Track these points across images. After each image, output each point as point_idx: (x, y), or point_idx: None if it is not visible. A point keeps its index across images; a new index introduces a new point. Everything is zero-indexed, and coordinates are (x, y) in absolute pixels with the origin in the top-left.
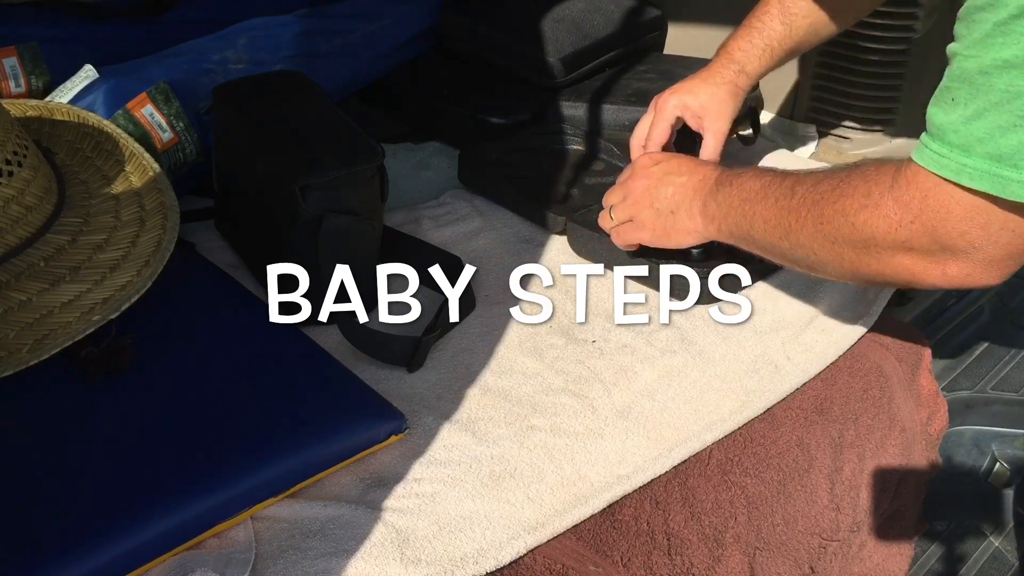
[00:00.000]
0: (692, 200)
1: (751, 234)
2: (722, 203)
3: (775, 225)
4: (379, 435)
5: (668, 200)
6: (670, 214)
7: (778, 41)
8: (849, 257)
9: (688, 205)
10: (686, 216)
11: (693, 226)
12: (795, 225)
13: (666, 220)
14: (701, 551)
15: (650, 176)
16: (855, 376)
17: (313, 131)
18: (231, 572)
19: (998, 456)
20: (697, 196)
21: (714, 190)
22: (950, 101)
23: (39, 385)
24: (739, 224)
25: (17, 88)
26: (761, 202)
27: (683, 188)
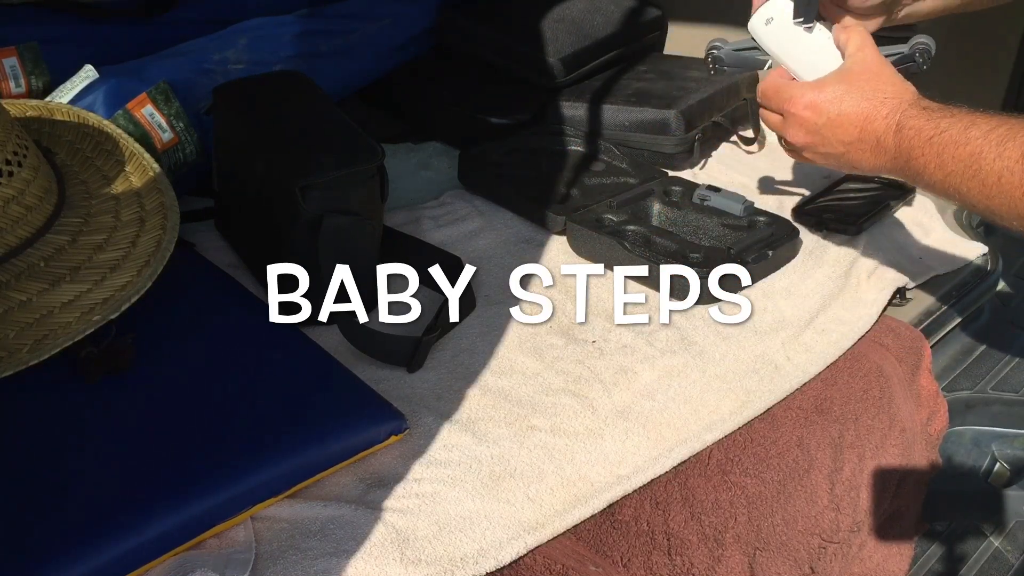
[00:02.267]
0: (864, 142)
1: (931, 183)
2: (903, 144)
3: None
4: (379, 435)
5: (835, 147)
6: (840, 155)
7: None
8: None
9: (859, 148)
10: (857, 155)
11: (864, 163)
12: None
13: (837, 161)
14: (701, 551)
15: (807, 127)
16: (855, 376)
17: (313, 131)
18: (231, 572)
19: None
20: (870, 138)
21: (895, 128)
22: None
23: (39, 385)
24: (925, 171)
25: (17, 88)
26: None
27: (852, 133)
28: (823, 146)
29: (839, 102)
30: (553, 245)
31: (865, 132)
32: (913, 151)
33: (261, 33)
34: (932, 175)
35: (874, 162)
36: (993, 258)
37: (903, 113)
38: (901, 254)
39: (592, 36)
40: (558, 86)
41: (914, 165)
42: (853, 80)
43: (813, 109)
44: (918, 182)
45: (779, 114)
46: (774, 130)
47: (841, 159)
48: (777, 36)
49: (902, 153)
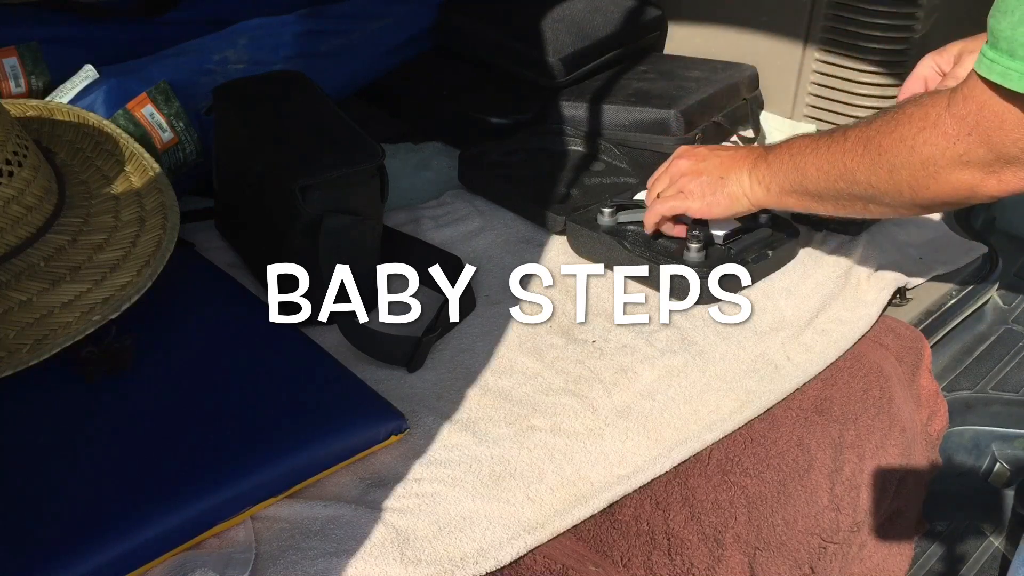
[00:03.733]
0: (741, 166)
1: (804, 184)
2: (772, 162)
3: (828, 169)
4: (379, 435)
5: (716, 168)
6: (719, 179)
7: None
8: (908, 182)
9: (737, 171)
10: (735, 180)
11: (742, 191)
12: (851, 164)
13: (716, 186)
14: (701, 551)
15: (694, 155)
16: (855, 376)
17: (313, 131)
18: (231, 572)
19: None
20: (746, 162)
21: (763, 155)
22: (1004, 10)
23: (39, 385)
24: (790, 178)
25: (17, 88)
26: (812, 152)
27: (731, 158)
28: (703, 160)
29: (722, 146)
30: (553, 245)
31: (740, 150)
32: (775, 151)
33: (261, 33)
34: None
35: (743, 164)
36: (993, 258)
37: (767, 146)
38: (901, 254)
39: (592, 36)
40: (558, 86)
41: (772, 157)
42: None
43: (687, 149)
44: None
45: (666, 180)
46: (659, 193)
47: (717, 167)
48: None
49: (769, 152)
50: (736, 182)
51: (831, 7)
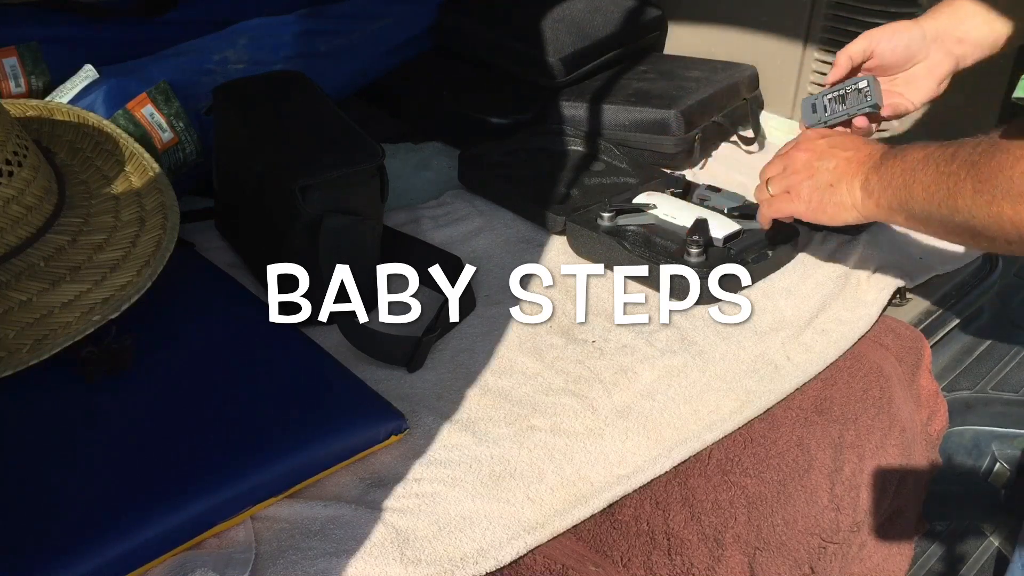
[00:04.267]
0: (854, 174)
1: (910, 204)
2: (884, 175)
3: (934, 192)
4: (379, 435)
5: (829, 173)
6: (829, 187)
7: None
8: (1008, 214)
9: (849, 179)
10: (846, 190)
11: (851, 201)
12: (953, 189)
13: (824, 193)
14: (701, 551)
15: (814, 148)
16: (855, 376)
17: (313, 131)
18: (231, 572)
19: (998, 456)
20: (860, 170)
21: (878, 164)
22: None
23: (39, 385)
24: (898, 195)
25: (17, 88)
26: (922, 170)
27: (847, 162)
28: (820, 159)
29: (840, 135)
30: (553, 245)
31: (860, 150)
32: (890, 159)
33: (261, 33)
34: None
35: (856, 172)
36: (993, 258)
37: (889, 146)
38: (901, 254)
39: (592, 36)
40: (558, 86)
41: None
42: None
43: (820, 134)
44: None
45: (780, 168)
46: (769, 179)
47: (829, 172)
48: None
49: (884, 160)
50: (847, 191)
51: (831, 7)
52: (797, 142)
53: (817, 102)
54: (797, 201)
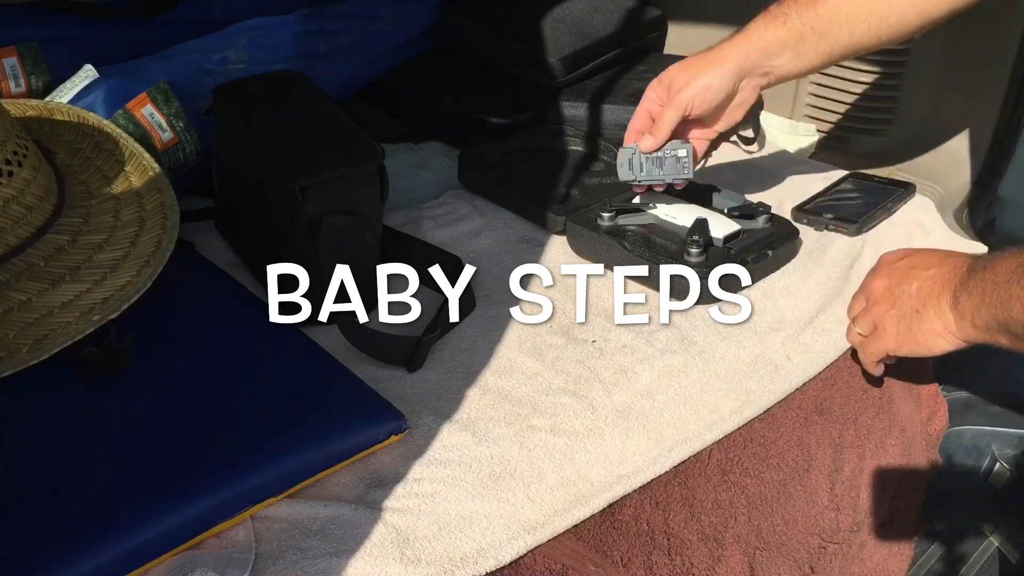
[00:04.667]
0: (940, 294)
1: (1008, 321)
2: (974, 292)
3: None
4: (379, 435)
5: (912, 298)
6: (915, 314)
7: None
8: None
9: (936, 301)
10: (934, 314)
11: (943, 326)
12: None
13: (911, 321)
14: (701, 551)
15: (893, 273)
16: (855, 376)
17: (313, 131)
18: (231, 572)
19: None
20: (946, 289)
21: (965, 279)
22: None
23: (39, 385)
24: (994, 312)
25: (17, 88)
26: (1018, 282)
27: (930, 281)
28: (900, 284)
29: (922, 248)
30: (553, 245)
31: (944, 265)
32: (978, 273)
33: (261, 33)
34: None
35: (943, 292)
36: None
37: (974, 256)
38: None
39: (592, 36)
40: (558, 86)
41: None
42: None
43: (896, 254)
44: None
45: (862, 303)
46: (855, 319)
47: (914, 298)
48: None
49: (972, 275)
50: (937, 316)
51: None
52: (875, 268)
53: (634, 158)
54: (886, 336)
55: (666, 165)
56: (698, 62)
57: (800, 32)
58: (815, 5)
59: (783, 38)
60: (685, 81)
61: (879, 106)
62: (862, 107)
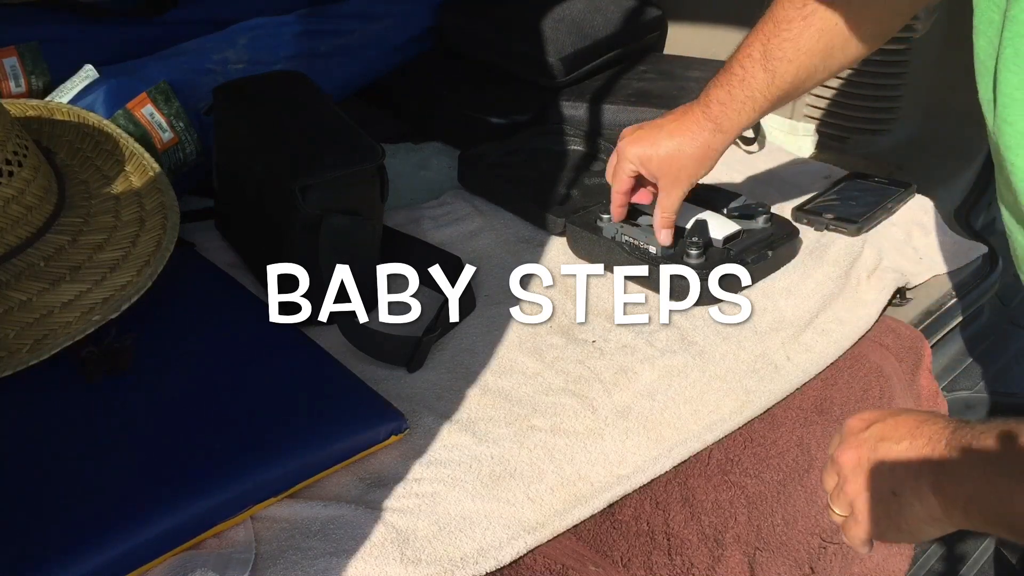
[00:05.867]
0: (919, 477)
1: (1012, 521)
2: (964, 481)
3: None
4: (379, 435)
5: (886, 479)
6: (892, 497)
7: (760, 91)
8: None
9: (914, 483)
10: (915, 499)
11: (927, 512)
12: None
13: (888, 506)
14: (701, 551)
15: (861, 445)
16: (855, 376)
17: (313, 131)
18: (231, 572)
19: None
20: (924, 470)
21: (945, 460)
22: None
23: (39, 385)
24: (992, 507)
25: (17, 88)
26: (1021, 478)
27: (904, 460)
28: (871, 460)
29: (891, 412)
30: (553, 245)
31: (917, 437)
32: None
33: (261, 33)
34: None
35: (921, 469)
36: (993, 258)
37: (950, 421)
38: (901, 254)
39: (592, 36)
40: (558, 86)
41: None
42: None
43: (863, 419)
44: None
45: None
46: (829, 486)
47: (888, 476)
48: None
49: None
50: (918, 501)
51: None
52: (842, 438)
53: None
54: (865, 522)
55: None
56: (664, 138)
57: (763, 108)
58: (775, 81)
59: (748, 119)
60: (657, 177)
61: (879, 106)
62: (862, 107)
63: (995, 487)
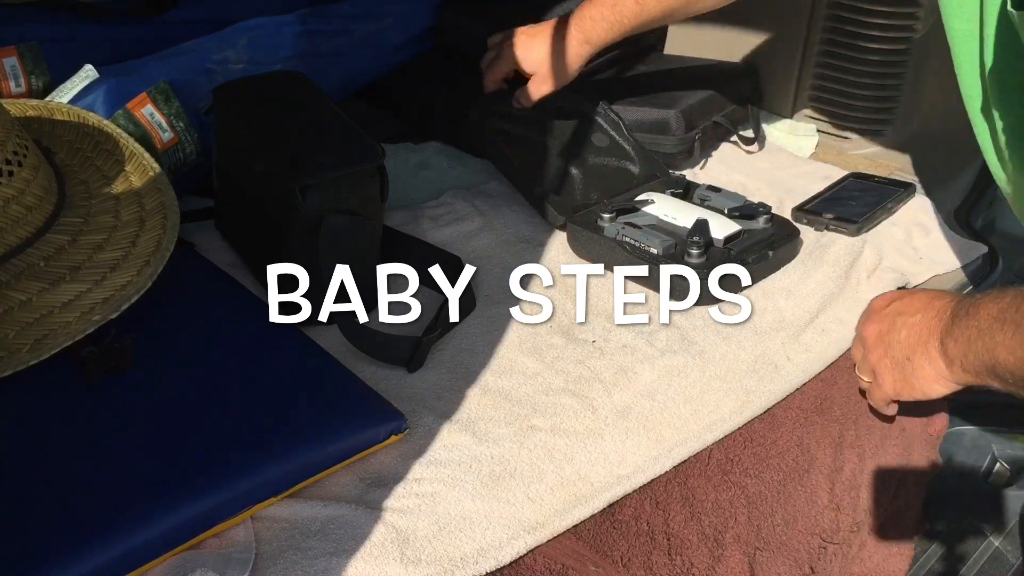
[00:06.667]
0: (928, 342)
1: (995, 368)
2: (960, 339)
3: (1020, 354)
4: (379, 435)
5: (902, 346)
6: (907, 361)
7: (628, 18)
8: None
9: (924, 348)
10: (925, 361)
11: (935, 372)
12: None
13: (904, 369)
14: (701, 551)
15: (882, 320)
16: (855, 376)
17: (313, 131)
18: (231, 572)
19: (998, 456)
20: (933, 336)
21: (950, 325)
22: None
23: (39, 385)
24: (981, 359)
25: (17, 88)
26: (1000, 331)
27: (917, 328)
28: (890, 331)
29: (911, 292)
30: (553, 245)
31: (928, 311)
32: (963, 318)
33: (261, 33)
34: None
35: (930, 340)
36: (993, 258)
37: (960, 296)
38: (901, 254)
39: None
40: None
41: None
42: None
43: (886, 299)
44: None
45: (860, 351)
46: (856, 356)
47: (903, 346)
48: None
49: (956, 321)
50: (927, 363)
51: (831, 7)
52: (867, 314)
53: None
54: (884, 384)
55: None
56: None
57: (626, 32)
58: (642, 13)
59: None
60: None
61: (879, 106)
62: (862, 107)
63: (983, 342)
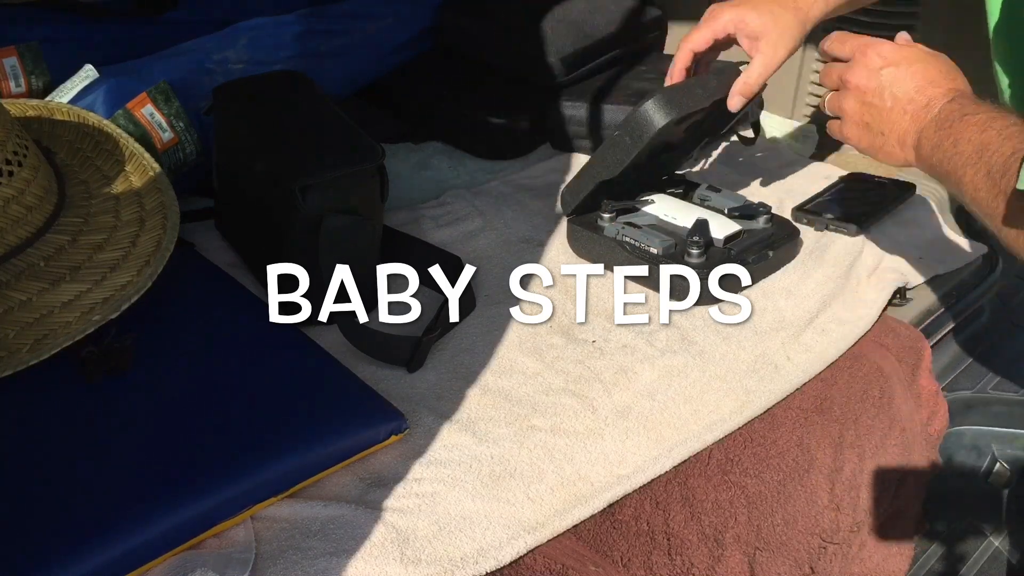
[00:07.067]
0: (906, 130)
1: (958, 186)
2: (936, 148)
3: (982, 201)
4: (379, 435)
5: (882, 119)
6: (880, 135)
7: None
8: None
9: (900, 134)
10: (896, 145)
11: (903, 156)
12: (969, 176)
13: (875, 138)
14: (701, 551)
15: (871, 79)
16: (855, 376)
17: (313, 131)
18: (231, 572)
19: (998, 456)
20: (912, 127)
21: (932, 128)
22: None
23: (39, 385)
24: (948, 174)
25: (17, 88)
26: (972, 166)
27: (901, 110)
28: (874, 96)
29: (912, 60)
30: (553, 245)
31: (916, 99)
32: (946, 124)
33: (261, 33)
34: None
35: (909, 127)
36: (993, 258)
37: (959, 92)
38: (901, 254)
39: (592, 36)
40: (558, 86)
41: (939, 137)
42: (926, 55)
43: (884, 57)
44: (930, 160)
45: (847, 60)
46: (828, 83)
47: (882, 118)
48: None
49: (940, 124)
50: (899, 147)
51: None
52: (862, 49)
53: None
54: (850, 136)
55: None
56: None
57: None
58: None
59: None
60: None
61: None
62: None
63: (953, 164)
